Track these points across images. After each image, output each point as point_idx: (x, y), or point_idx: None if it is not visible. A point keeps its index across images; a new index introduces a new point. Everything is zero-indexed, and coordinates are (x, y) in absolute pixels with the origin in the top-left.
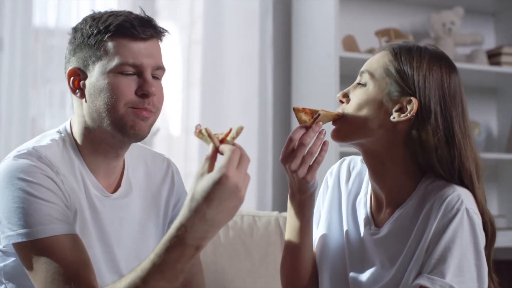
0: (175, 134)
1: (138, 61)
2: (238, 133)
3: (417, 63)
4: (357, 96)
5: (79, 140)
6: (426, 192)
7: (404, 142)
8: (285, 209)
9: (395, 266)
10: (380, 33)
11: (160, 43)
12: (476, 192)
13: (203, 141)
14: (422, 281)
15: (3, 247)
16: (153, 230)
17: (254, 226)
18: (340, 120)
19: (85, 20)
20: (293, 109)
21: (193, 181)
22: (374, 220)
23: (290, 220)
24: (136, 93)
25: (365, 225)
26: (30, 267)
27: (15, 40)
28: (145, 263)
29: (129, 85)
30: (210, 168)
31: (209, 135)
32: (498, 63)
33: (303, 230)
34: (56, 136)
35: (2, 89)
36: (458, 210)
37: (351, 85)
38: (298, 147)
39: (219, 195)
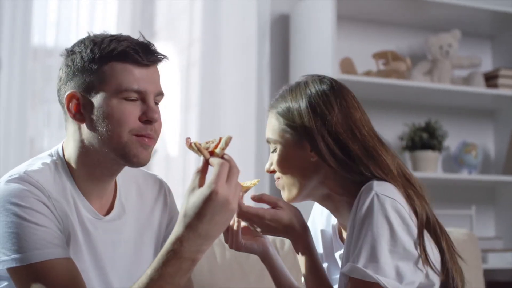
0: (173, 155)
1: (142, 87)
2: (227, 143)
3: (290, 103)
4: (275, 160)
5: (73, 164)
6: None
7: (333, 171)
8: None
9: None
10: (378, 56)
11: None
12: (394, 182)
13: (194, 152)
14: (342, 269)
15: None
16: (147, 251)
17: None
18: (281, 183)
19: (83, 43)
20: None
21: (185, 196)
22: (342, 242)
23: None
24: (139, 119)
25: (336, 250)
26: None
27: (13, 59)
28: (143, 279)
29: (133, 111)
30: (201, 181)
31: (199, 149)
32: (495, 86)
33: (275, 275)
34: (48, 160)
35: (0, 109)
36: (367, 197)
37: (270, 155)
38: None
39: (210, 211)
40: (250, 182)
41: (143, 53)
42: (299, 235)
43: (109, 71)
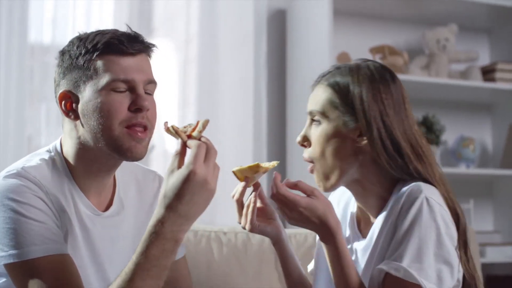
0: (171, 151)
1: (129, 76)
2: (204, 126)
3: (352, 86)
4: (316, 134)
5: (71, 160)
6: (399, 194)
7: (372, 161)
8: None
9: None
10: (375, 50)
11: (149, 59)
12: (438, 187)
13: (172, 136)
14: (381, 265)
15: None
16: None
17: (248, 243)
18: (315, 170)
19: (71, 42)
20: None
21: (165, 178)
22: (361, 233)
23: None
24: (129, 108)
25: (354, 240)
26: (21, 287)
27: (10, 57)
28: (129, 266)
29: (122, 102)
30: (180, 163)
31: (176, 132)
32: (492, 80)
33: (285, 260)
34: (46, 156)
35: None
36: (416, 198)
37: (305, 127)
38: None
39: (189, 191)
40: (269, 164)
41: (128, 43)
42: (331, 230)
43: (96, 65)
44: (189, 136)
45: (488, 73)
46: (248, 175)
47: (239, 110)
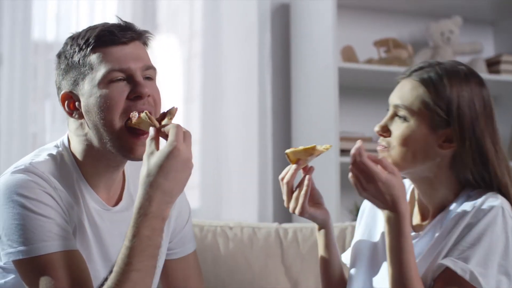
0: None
1: (124, 65)
2: (173, 114)
3: (449, 89)
4: (400, 131)
5: (79, 157)
6: (468, 198)
7: (451, 164)
8: (285, 220)
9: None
10: (379, 43)
11: (145, 46)
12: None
13: (139, 127)
14: (445, 261)
15: (4, 264)
16: None
17: (254, 238)
18: (387, 154)
19: (65, 43)
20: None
21: (144, 160)
22: (412, 227)
23: (318, 242)
24: (128, 97)
25: None
26: (30, 284)
27: (14, 54)
28: (123, 251)
29: (120, 91)
30: (156, 147)
31: (149, 118)
32: (497, 72)
33: (328, 247)
34: (54, 151)
35: (2, 104)
36: (493, 207)
37: (386, 117)
38: (283, 187)
39: (174, 168)
40: (324, 147)
41: (119, 32)
42: (400, 213)
43: (90, 60)
44: (160, 124)
45: (492, 65)
46: (301, 158)
47: (244, 104)
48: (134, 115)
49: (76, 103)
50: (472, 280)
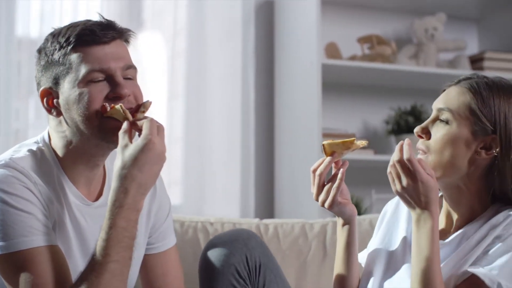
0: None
1: (105, 65)
2: (147, 107)
3: (497, 99)
4: (441, 133)
5: (59, 153)
6: (497, 212)
7: (484, 175)
8: (266, 216)
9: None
10: (363, 40)
11: (126, 44)
12: None
13: (113, 117)
14: (473, 269)
15: None
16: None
17: None
18: (426, 157)
19: (46, 39)
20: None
21: (118, 153)
22: None
23: (338, 237)
24: (108, 97)
25: None
26: (9, 280)
27: None
28: (99, 244)
29: (100, 91)
30: (130, 140)
31: (124, 111)
32: (481, 69)
33: (350, 244)
34: (34, 147)
35: None
36: None
37: (428, 120)
38: (314, 178)
39: (149, 160)
40: (361, 142)
41: (100, 31)
42: (431, 216)
43: (71, 59)
44: (133, 117)
45: (476, 62)
46: (337, 150)
47: (227, 101)
48: (107, 106)
49: (55, 100)
50: None
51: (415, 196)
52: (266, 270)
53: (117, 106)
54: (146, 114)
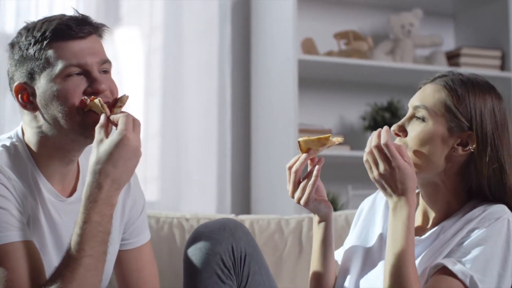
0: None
1: (82, 60)
2: (124, 102)
3: (472, 96)
4: (417, 131)
5: (34, 148)
6: (474, 208)
7: (460, 171)
8: (242, 212)
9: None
10: (339, 36)
11: (100, 39)
12: None
13: (93, 109)
14: (445, 261)
15: None
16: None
17: None
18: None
19: (19, 33)
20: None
21: (93, 148)
22: None
23: (314, 234)
24: (85, 92)
25: None
26: None
27: None
28: (74, 239)
29: (77, 86)
30: (106, 135)
31: (102, 105)
32: (457, 65)
33: (326, 241)
34: (7, 142)
35: None
36: (499, 218)
37: (404, 118)
38: (290, 175)
39: (123, 156)
40: (337, 139)
41: (76, 26)
42: (407, 203)
43: (47, 54)
44: (111, 111)
45: (453, 58)
46: (312, 147)
47: (204, 98)
48: (87, 99)
49: (31, 96)
50: (471, 285)
51: (392, 183)
52: (251, 261)
53: (96, 100)
54: (123, 109)
